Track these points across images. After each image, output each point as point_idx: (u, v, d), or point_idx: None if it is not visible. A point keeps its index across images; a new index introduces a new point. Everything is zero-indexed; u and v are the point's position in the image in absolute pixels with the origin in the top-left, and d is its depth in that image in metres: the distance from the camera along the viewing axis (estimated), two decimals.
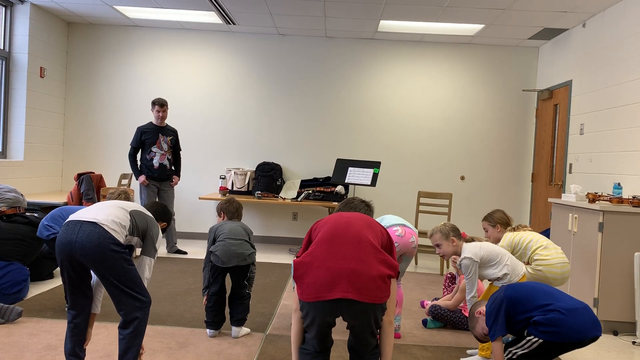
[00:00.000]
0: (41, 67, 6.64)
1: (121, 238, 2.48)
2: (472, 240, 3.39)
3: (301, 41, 7.28)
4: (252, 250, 3.46)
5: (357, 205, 2.60)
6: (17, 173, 6.27)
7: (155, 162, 5.86)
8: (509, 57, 7.23)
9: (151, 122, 5.95)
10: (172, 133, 6.05)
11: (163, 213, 3.10)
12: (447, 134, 7.26)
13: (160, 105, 5.87)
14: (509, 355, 2.61)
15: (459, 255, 3.36)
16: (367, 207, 2.51)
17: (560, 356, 2.81)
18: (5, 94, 6.33)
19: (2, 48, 6.24)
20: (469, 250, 3.23)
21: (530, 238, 3.60)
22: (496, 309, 2.65)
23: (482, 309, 2.82)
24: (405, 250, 3.47)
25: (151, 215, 2.77)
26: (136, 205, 2.75)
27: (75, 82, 7.29)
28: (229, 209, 3.68)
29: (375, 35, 7.07)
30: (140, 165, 5.91)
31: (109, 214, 2.52)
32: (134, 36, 7.29)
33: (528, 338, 2.55)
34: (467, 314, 3.87)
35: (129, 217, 2.59)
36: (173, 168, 6.05)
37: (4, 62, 6.29)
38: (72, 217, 2.51)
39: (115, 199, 3.82)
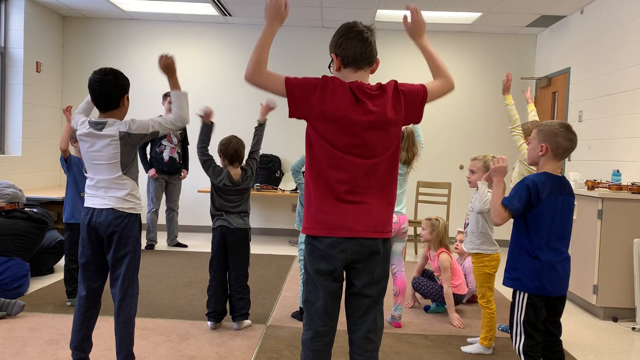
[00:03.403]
0: (37, 62, 6.61)
1: (139, 205, 2.55)
2: None
3: (298, 32, 7.24)
4: (246, 218, 3.68)
5: (362, 35, 2.06)
6: (15, 168, 6.26)
7: (166, 155, 5.86)
8: (507, 45, 7.19)
9: (161, 115, 5.94)
10: None
11: (120, 88, 2.54)
12: (446, 123, 7.24)
13: None
14: (516, 329, 2.40)
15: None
16: (371, 33, 2.08)
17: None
18: (1, 89, 6.30)
19: None
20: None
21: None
22: (520, 190, 2.56)
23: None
24: (397, 233, 3.68)
25: (131, 132, 2.50)
26: (115, 148, 2.48)
27: (71, 76, 7.26)
28: (228, 151, 3.50)
29: (373, 25, 7.02)
30: (150, 159, 5.91)
31: (116, 193, 2.50)
32: (130, 29, 7.25)
33: (516, 298, 2.40)
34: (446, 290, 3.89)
35: (127, 168, 2.52)
36: (182, 162, 6.05)
37: None
38: (88, 204, 2.54)
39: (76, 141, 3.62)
